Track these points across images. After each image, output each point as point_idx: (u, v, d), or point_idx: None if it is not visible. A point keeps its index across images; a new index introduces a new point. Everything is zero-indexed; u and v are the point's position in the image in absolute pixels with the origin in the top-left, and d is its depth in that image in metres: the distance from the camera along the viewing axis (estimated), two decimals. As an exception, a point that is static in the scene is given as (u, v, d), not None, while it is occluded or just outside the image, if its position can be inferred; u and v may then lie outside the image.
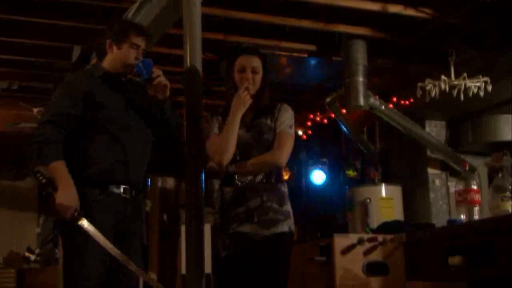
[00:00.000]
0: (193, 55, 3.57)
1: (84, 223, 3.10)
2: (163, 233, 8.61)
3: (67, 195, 3.10)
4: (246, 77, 3.30)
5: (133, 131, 3.36)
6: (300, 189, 8.45)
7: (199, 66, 3.56)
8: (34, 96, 7.16)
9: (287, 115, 3.32)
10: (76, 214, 3.10)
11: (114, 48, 3.38)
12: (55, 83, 5.92)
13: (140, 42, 3.38)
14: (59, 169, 3.14)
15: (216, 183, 3.42)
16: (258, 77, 3.33)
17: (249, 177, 3.25)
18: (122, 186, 3.27)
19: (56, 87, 3.46)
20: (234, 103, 3.26)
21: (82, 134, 3.27)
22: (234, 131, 3.23)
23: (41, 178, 3.17)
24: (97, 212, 3.19)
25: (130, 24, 3.52)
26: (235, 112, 3.24)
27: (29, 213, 8.62)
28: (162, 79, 3.37)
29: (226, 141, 3.21)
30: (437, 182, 6.97)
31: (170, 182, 8.91)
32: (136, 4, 4.64)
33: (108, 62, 3.42)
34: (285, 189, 3.32)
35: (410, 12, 5.43)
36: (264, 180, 3.24)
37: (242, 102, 3.24)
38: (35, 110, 6.88)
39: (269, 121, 3.31)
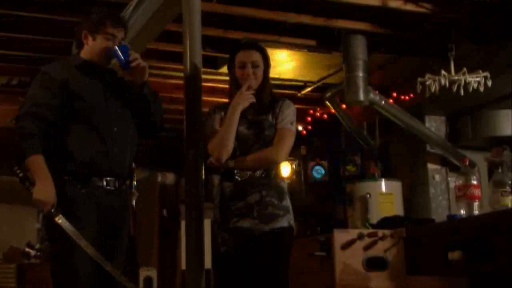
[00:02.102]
0: (193, 51, 3.56)
1: (61, 220, 3.02)
2: (163, 228, 8.62)
3: (44, 190, 3.02)
4: (246, 72, 3.29)
5: (114, 121, 3.27)
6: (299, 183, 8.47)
7: (199, 62, 3.55)
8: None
9: (288, 111, 3.32)
10: (53, 210, 3.02)
11: (90, 38, 3.31)
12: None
13: (117, 32, 3.30)
14: (36, 163, 3.04)
15: (216, 178, 3.42)
16: (259, 71, 3.33)
17: (249, 172, 3.24)
18: (105, 178, 3.20)
19: (32, 78, 3.36)
20: (234, 99, 3.26)
21: (60, 126, 3.17)
22: (232, 126, 3.22)
23: (18, 171, 3.11)
24: (80, 206, 3.12)
25: (105, 14, 3.38)
26: (235, 108, 3.24)
27: (28, 208, 8.62)
28: (140, 61, 3.28)
29: (224, 137, 3.21)
30: (437, 177, 6.97)
31: (170, 177, 8.91)
32: (136, 0, 4.63)
33: (84, 53, 3.35)
34: (284, 184, 3.33)
35: (410, 7, 5.43)
36: (263, 176, 3.25)
37: (243, 99, 3.24)
38: (35, 105, 6.86)
39: (270, 117, 3.31)
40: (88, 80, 3.29)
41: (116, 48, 3.28)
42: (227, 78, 3.49)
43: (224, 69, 6.38)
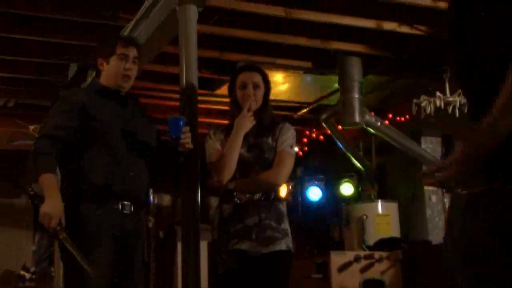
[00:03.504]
0: (189, 72, 3.58)
1: (65, 237, 3.02)
2: (159, 249, 8.59)
3: (51, 205, 3.02)
4: (247, 93, 3.32)
5: (131, 145, 3.30)
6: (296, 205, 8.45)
7: (195, 83, 3.57)
8: (30, 113, 7.16)
9: (288, 135, 3.34)
10: (58, 227, 3.01)
11: (104, 64, 3.38)
12: (52, 101, 5.92)
13: (129, 51, 3.34)
14: (48, 181, 3.08)
15: (213, 200, 3.42)
16: (260, 93, 3.35)
17: (248, 195, 3.25)
18: (121, 202, 3.21)
19: (53, 104, 3.45)
20: (237, 123, 3.28)
21: (79, 148, 3.22)
22: (236, 149, 3.24)
23: (29, 190, 3.14)
24: (94, 226, 3.12)
25: (116, 37, 3.47)
26: (238, 132, 3.26)
27: (24, 231, 8.60)
28: (189, 142, 3.29)
29: (228, 159, 3.23)
30: (434, 198, 6.98)
31: (166, 199, 8.91)
32: (132, 22, 4.66)
33: (103, 79, 3.42)
34: (283, 207, 3.32)
35: (405, 29, 5.47)
36: (262, 198, 3.25)
37: (246, 122, 3.26)
38: (31, 127, 6.87)
39: (270, 140, 3.32)
40: (107, 103, 3.33)
41: (173, 119, 3.29)
42: (223, 99, 3.52)
43: (221, 91, 6.45)
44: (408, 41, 5.82)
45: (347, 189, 7.56)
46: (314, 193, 8.20)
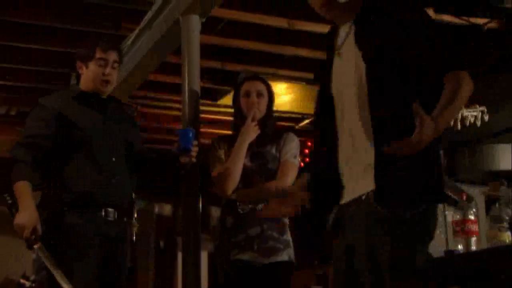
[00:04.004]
0: (192, 82, 3.58)
1: (40, 248, 2.99)
2: (159, 259, 8.57)
3: (25, 215, 2.99)
4: (251, 101, 3.33)
5: (112, 151, 3.26)
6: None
7: (197, 93, 3.57)
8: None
9: (292, 145, 3.34)
10: (33, 237, 2.98)
11: (84, 68, 3.33)
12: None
13: (108, 56, 3.29)
14: (21, 189, 3.05)
15: (214, 210, 3.42)
16: (264, 101, 3.36)
17: (250, 205, 3.24)
18: (104, 209, 3.17)
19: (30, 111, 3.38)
20: (241, 132, 3.28)
21: (58, 156, 3.17)
22: (240, 159, 3.24)
23: (8, 199, 3.11)
24: (77, 236, 3.10)
25: (95, 41, 3.38)
26: (242, 141, 3.26)
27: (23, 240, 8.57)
28: (194, 157, 3.29)
29: (231, 169, 3.23)
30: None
31: (167, 208, 8.89)
32: (135, 32, 4.66)
33: (82, 82, 3.37)
34: (285, 218, 3.32)
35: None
36: (265, 209, 3.25)
37: (250, 131, 3.26)
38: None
39: (274, 150, 3.32)
40: (86, 109, 3.28)
41: (183, 130, 3.30)
42: (225, 110, 3.52)
43: (223, 101, 6.45)
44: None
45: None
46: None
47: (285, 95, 6.89)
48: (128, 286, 3.36)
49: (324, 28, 2.48)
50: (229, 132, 3.51)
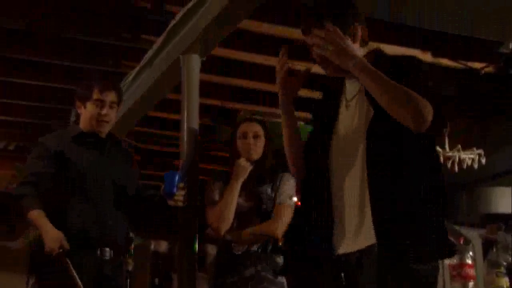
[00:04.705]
0: (191, 119, 3.59)
1: (67, 263, 3.01)
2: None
3: (50, 240, 3.01)
4: (248, 142, 3.35)
5: (109, 190, 3.28)
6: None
7: (196, 130, 3.58)
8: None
9: (288, 185, 3.34)
10: (60, 250, 3.00)
11: (82, 107, 3.36)
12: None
13: (105, 97, 3.31)
14: (37, 215, 3.07)
15: (210, 248, 3.41)
16: (260, 142, 3.38)
17: (246, 246, 3.24)
18: (100, 248, 3.19)
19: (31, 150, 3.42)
20: (234, 172, 3.29)
21: (56, 195, 3.20)
22: (233, 199, 3.24)
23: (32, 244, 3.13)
24: (75, 271, 3.05)
25: (93, 82, 3.41)
26: (235, 181, 3.27)
27: (18, 275, 8.48)
28: (181, 202, 3.25)
29: (225, 209, 3.23)
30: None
31: (163, 245, 8.83)
32: (136, 69, 4.69)
33: (81, 122, 3.40)
34: (280, 260, 3.31)
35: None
36: (259, 250, 3.24)
37: (242, 170, 3.27)
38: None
39: (269, 190, 3.33)
40: (84, 149, 3.31)
41: (169, 173, 3.24)
42: (224, 147, 3.53)
43: (222, 138, 6.45)
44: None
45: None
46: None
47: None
48: None
49: (321, 70, 2.50)
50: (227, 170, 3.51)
